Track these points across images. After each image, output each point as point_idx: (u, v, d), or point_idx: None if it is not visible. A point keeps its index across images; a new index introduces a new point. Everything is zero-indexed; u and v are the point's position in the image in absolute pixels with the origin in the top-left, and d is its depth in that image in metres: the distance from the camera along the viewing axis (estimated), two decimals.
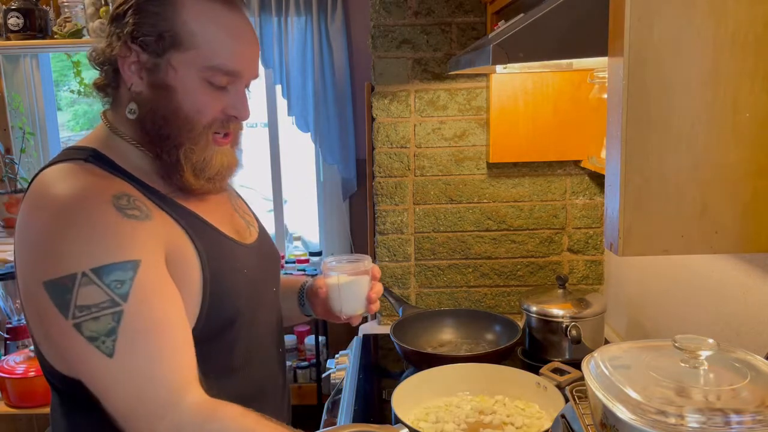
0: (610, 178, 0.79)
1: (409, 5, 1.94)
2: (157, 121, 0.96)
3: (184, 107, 0.95)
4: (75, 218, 0.87)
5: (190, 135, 0.97)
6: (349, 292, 1.18)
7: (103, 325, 0.83)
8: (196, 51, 0.94)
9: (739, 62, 0.74)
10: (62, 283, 0.84)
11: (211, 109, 0.97)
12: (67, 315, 0.84)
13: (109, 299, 0.84)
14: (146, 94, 0.96)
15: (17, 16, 2.18)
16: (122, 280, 0.85)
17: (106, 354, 0.83)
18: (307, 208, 3.58)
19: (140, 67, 0.96)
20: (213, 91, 0.97)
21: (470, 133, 1.99)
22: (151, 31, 0.94)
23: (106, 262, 0.85)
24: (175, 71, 0.95)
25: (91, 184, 0.91)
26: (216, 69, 0.96)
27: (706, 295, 1.36)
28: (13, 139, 2.91)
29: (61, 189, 0.90)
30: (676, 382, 0.82)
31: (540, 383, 1.40)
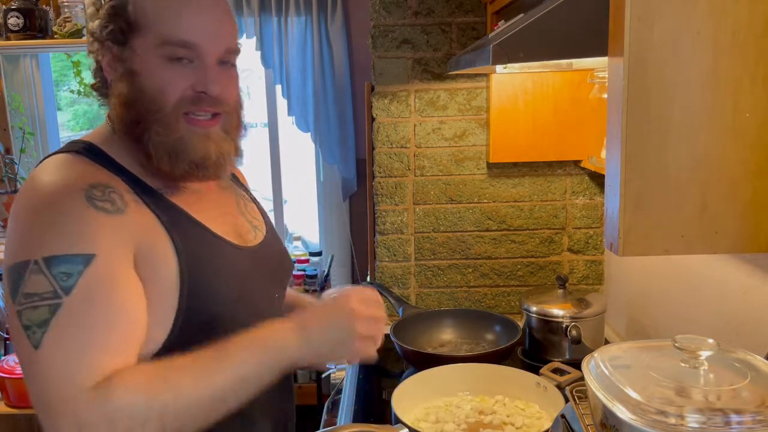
0: (610, 178, 0.79)
1: (409, 5, 1.94)
2: (128, 109, 0.97)
3: (149, 89, 0.95)
4: (43, 206, 0.88)
5: (157, 116, 0.96)
6: None
7: (38, 316, 0.83)
8: (149, 30, 0.95)
9: (739, 62, 0.74)
10: (17, 269, 0.85)
11: (175, 87, 0.96)
12: (15, 300, 0.84)
13: (52, 290, 0.83)
14: (120, 85, 0.97)
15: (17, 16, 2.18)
16: (70, 273, 0.84)
17: (33, 345, 0.82)
18: (307, 208, 3.58)
19: (114, 59, 0.98)
20: (176, 68, 0.96)
21: (470, 133, 1.99)
22: (116, 23, 0.96)
23: (58, 253, 0.85)
24: (138, 56, 0.96)
25: (71, 174, 0.92)
26: (169, 42, 0.95)
27: (707, 295, 1.36)
28: (13, 139, 2.91)
29: (44, 178, 0.92)
30: (677, 382, 0.82)
31: (540, 383, 1.40)
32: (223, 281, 1.00)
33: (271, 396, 1.08)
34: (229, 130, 1.03)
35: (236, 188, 1.20)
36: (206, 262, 0.98)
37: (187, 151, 0.97)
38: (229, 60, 1.02)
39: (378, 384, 1.70)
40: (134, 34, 0.96)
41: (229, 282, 1.01)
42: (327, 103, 2.95)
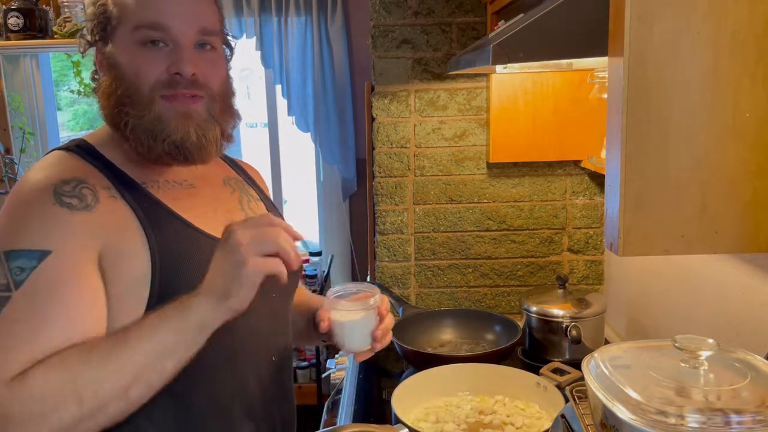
0: (610, 178, 0.79)
1: (409, 5, 1.94)
2: (109, 99, 0.99)
3: (127, 74, 0.98)
4: (15, 202, 0.92)
5: (133, 99, 0.97)
6: (354, 329, 1.08)
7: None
8: (124, 20, 0.98)
9: (739, 62, 0.74)
10: None
11: (150, 71, 0.96)
12: None
13: (5, 283, 0.86)
14: (104, 79, 1.01)
15: (17, 16, 2.18)
16: (24, 267, 0.86)
17: None
18: (307, 208, 3.58)
19: (103, 58, 1.01)
20: (150, 52, 0.97)
21: (470, 133, 1.99)
22: (99, 23, 1.00)
23: (16, 248, 0.87)
24: (116, 46, 0.99)
25: (51, 171, 0.95)
26: (140, 26, 0.97)
27: (707, 295, 1.36)
28: (13, 139, 2.91)
29: (29, 174, 0.96)
30: (677, 382, 0.82)
31: (540, 383, 1.40)
32: (198, 276, 0.93)
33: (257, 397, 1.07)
34: (213, 113, 1.02)
35: (243, 185, 1.19)
36: (181, 257, 0.96)
37: (165, 130, 0.97)
38: (207, 42, 1.01)
39: (378, 384, 1.70)
40: (114, 29, 0.99)
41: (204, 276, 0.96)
42: (327, 103, 2.95)
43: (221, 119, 1.04)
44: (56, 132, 3.17)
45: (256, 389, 1.07)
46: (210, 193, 1.09)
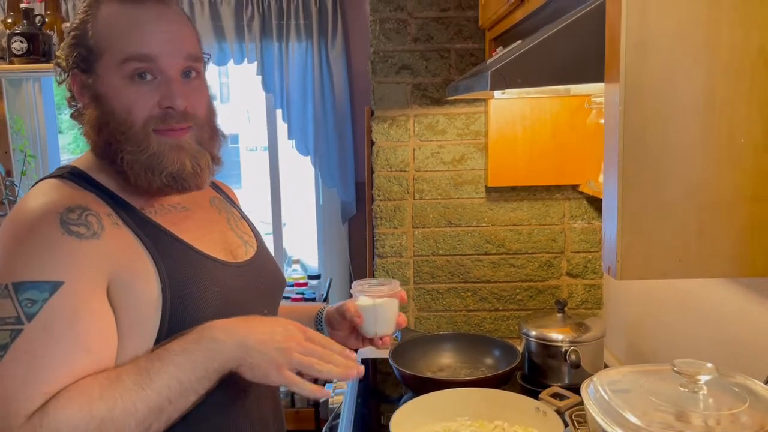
0: (607, 202, 0.80)
1: (409, 31, 1.97)
2: (99, 132, 0.98)
3: (116, 110, 0.96)
4: (19, 232, 0.89)
5: (128, 135, 0.96)
6: (383, 314, 1.21)
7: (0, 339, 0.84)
8: (108, 52, 0.96)
9: (734, 89, 0.75)
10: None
11: (142, 106, 0.96)
12: None
13: (15, 316, 0.84)
14: (89, 111, 0.99)
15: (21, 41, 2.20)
16: (35, 299, 0.85)
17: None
18: (307, 231, 3.58)
19: (83, 88, 1.00)
20: (140, 86, 0.96)
21: (469, 157, 2.00)
22: (79, 51, 0.98)
23: (25, 279, 0.86)
24: (101, 78, 0.97)
25: (51, 198, 0.93)
26: (127, 59, 0.95)
27: (705, 319, 1.36)
28: (15, 161, 2.92)
29: (27, 203, 0.93)
30: (676, 406, 0.82)
31: (539, 408, 1.39)
32: (205, 299, 0.98)
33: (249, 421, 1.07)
34: (202, 141, 1.03)
35: (226, 204, 1.21)
36: (190, 281, 0.98)
37: (162, 164, 0.97)
38: (192, 69, 1.02)
39: (376, 408, 1.69)
40: (97, 59, 0.97)
41: (211, 299, 0.99)
42: (327, 127, 2.97)
43: (210, 145, 1.05)
44: (57, 155, 3.19)
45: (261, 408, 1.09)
46: (202, 215, 1.10)
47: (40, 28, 2.25)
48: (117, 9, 0.98)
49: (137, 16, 0.97)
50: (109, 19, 0.97)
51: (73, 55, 0.99)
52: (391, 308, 1.22)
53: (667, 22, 0.74)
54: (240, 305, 1.04)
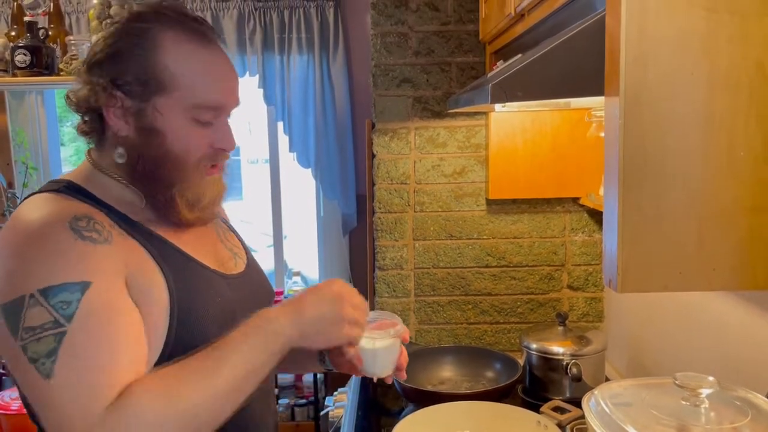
0: (608, 215, 0.80)
1: (410, 45, 1.98)
2: (147, 165, 0.98)
3: (174, 149, 0.97)
4: (29, 241, 0.87)
5: (181, 174, 0.98)
6: (384, 357, 1.14)
7: (44, 347, 0.82)
8: (179, 92, 0.96)
9: (733, 102, 0.75)
10: (13, 305, 0.84)
11: (199, 147, 0.99)
12: (16, 337, 0.83)
13: (53, 320, 0.83)
14: (133, 138, 0.97)
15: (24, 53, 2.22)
16: (69, 301, 0.84)
17: (44, 375, 0.82)
18: (307, 244, 3.58)
19: (125, 112, 0.97)
20: (200, 129, 0.98)
21: (469, 170, 2.01)
22: (134, 77, 0.95)
23: (53, 283, 0.84)
24: (161, 115, 0.96)
25: (54, 209, 0.92)
26: (200, 107, 0.97)
27: (707, 332, 1.35)
28: (16, 173, 2.93)
29: (26, 216, 0.91)
30: (677, 420, 0.81)
31: (540, 422, 1.39)
32: (208, 310, 1.00)
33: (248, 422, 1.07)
34: (222, 171, 1.07)
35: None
36: (194, 292, 0.99)
37: (204, 198, 1.02)
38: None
39: (377, 422, 1.68)
40: (159, 93, 0.95)
41: (213, 309, 1.01)
42: (328, 140, 2.98)
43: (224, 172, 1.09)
44: (59, 167, 3.20)
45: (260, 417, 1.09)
46: (194, 229, 1.10)
47: (44, 41, 2.27)
48: (188, 48, 0.97)
49: (211, 61, 0.99)
50: (182, 57, 0.96)
51: (123, 77, 0.95)
52: (392, 351, 1.14)
53: (666, 36, 0.75)
54: (238, 317, 1.04)
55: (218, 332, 0.96)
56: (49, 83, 2.35)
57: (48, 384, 0.81)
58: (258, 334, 0.93)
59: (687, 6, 0.74)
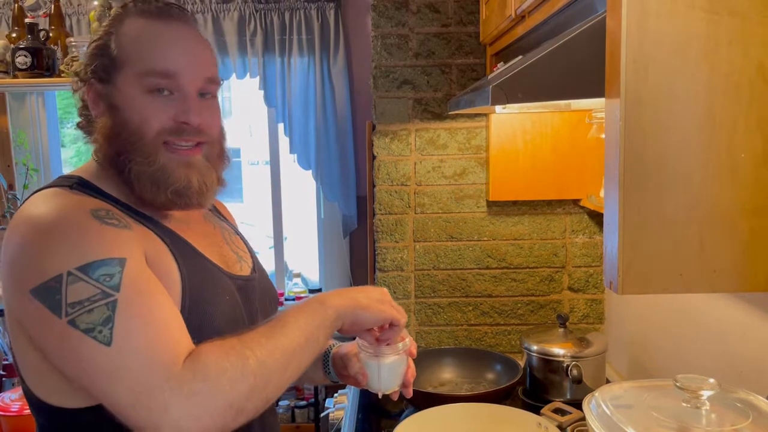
0: (608, 216, 0.80)
1: (410, 47, 1.98)
2: (110, 142, 0.99)
3: (131, 121, 0.98)
4: (54, 227, 0.88)
5: (138, 146, 0.98)
6: (389, 372, 1.12)
7: (98, 316, 0.83)
8: (129, 65, 0.98)
9: (733, 104, 0.75)
10: (49, 285, 0.84)
11: (157, 118, 0.98)
12: (60, 314, 0.83)
13: (100, 291, 0.84)
14: (102, 119, 1.00)
15: (25, 55, 2.22)
16: (111, 274, 0.85)
17: (104, 343, 0.82)
18: (308, 245, 3.58)
19: (98, 97, 1.00)
20: (157, 100, 0.98)
21: (470, 172, 2.01)
22: (99, 61, 0.99)
23: (91, 260, 0.85)
24: (119, 91, 0.98)
25: (70, 201, 0.94)
26: (149, 73, 0.97)
27: (708, 334, 1.35)
28: (17, 175, 2.93)
29: (42, 207, 0.92)
30: (678, 422, 0.81)
31: (541, 423, 1.39)
32: (218, 306, 1.01)
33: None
34: (211, 159, 1.05)
35: (218, 219, 1.22)
36: (204, 287, 1.00)
37: (169, 180, 0.99)
38: (209, 91, 1.04)
39: (377, 424, 1.68)
40: (117, 71, 0.98)
41: (224, 306, 1.02)
42: (328, 142, 2.98)
43: (217, 165, 1.07)
44: (59, 168, 3.20)
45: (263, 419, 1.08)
46: (200, 229, 1.11)
47: (44, 42, 2.27)
48: (142, 24, 1.00)
49: (161, 33, 1.00)
50: (133, 32, 0.99)
51: (93, 64, 1.00)
52: (398, 366, 1.12)
53: (667, 38, 0.75)
54: (246, 319, 1.06)
55: (228, 329, 0.97)
56: (49, 85, 2.35)
57: (109, 350, 0.82)
58: (312, 306, 0.97)
59: (687, 8, 0.74)
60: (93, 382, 0.84)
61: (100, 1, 2.06)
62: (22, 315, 0.88)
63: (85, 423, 0.92)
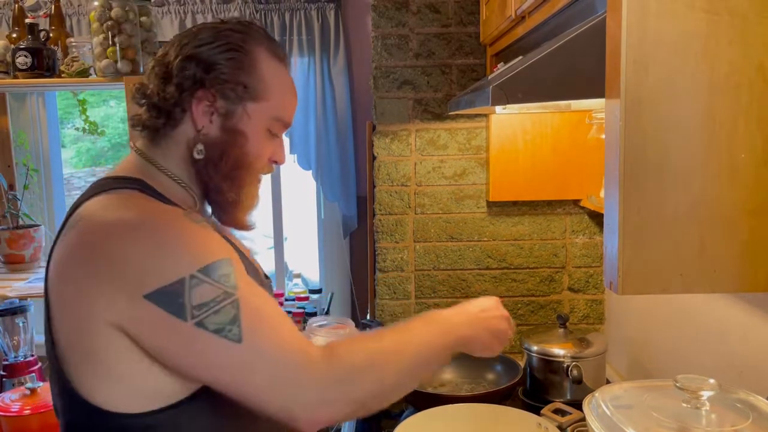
0: (608, 217, 0.80)
1: (410, 47, 1.98)
2: (227, 162, 1.02)
3: (251, 152, 1.04)
4: (162, 229, 0.90)
5: (250, 177, 1.06)
6: None
7: (225, 316, 0.87)
8: (267, 103, 1.04)
9: (734, 104, 0.75)
10: (171, 289, 0.86)
11: (265, 156, 1.07)
12: (185, 317, 0.86)
13: (222, 292, 0.88)
14: (216, 136, 1.02)
15: (25, 55, 2.22)
16: (227, 274, 0.90)
17: (235, 341, 0.87)
18: (308, 246, 3.58)
19: (214, 111, 1.01)
20: (269, 140, 1.07)
21: (470, 172, 2.01)
22: (232, 80, 1.01)
23: (209, 261, 0.89)
24: (249, 118, 1.03)
25: (156, 205, 0.96)
26: (279, 120, 1.07)
27: (708, 334, 1.35)
28: (17, 175, 2.93)
29: (131, 211, 0.92)
30: (678, 422, 0.81)
31: (541, 424, 1.39)
32: None
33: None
34: None
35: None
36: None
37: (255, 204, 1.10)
38: None
39: (377, 424, 1.68)
40: (251, 99, 1.02)
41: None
42: (329, 142, 2.98)
43: None
44: (60, 169, 3.19)
45: None
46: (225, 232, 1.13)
47: (45, 43, 2.27)
48: (276, 67, 1.06)
49: (290, 86, 1.10)
50: (272, 73, 1.05)
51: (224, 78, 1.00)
52: None
53: (667, 38, 0.75)
54: None
55: None
56: (49, 85, 2.35)
57: (241, 347, 0.87)
58: (436, 324, 1.06)
59: (688, 8, 0.74)
60: (223, 377, 0.89)
61: (101, 1, 2.06)
62: (130, 320, 0.87)
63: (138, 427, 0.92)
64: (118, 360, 0.90)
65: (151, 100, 1.02)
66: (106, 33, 2.07)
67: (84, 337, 0.90)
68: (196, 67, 0.99)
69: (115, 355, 0.89)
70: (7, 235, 2.53)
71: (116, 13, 2.05)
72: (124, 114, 3.13)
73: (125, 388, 0.91)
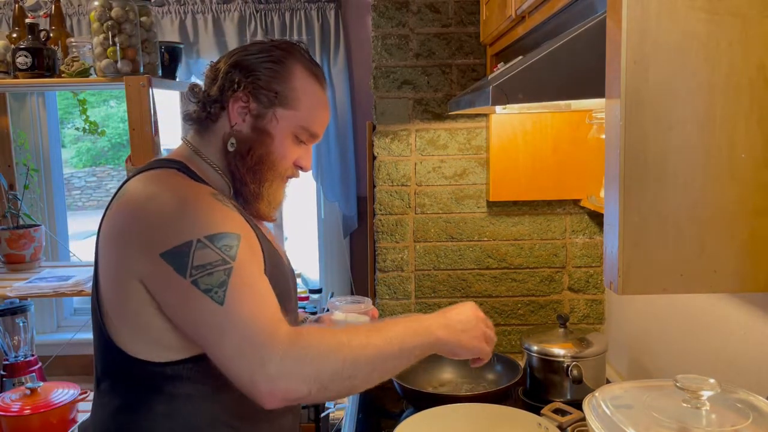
0: (609, 217, 0.80)
1: (411, 47, 1.98)
2: (253, 158, 1.16)
3: (275, 152, 1.18)
4: (186, 202, 1.03)
5: (272, 174, 1.19)
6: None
7: (216, 279, 0.97)
8: (296, 112, 1.18)
9: (734, 104, 0.75)
10: (180, 249, 0.98)
11: (290, 159, 1.20)
12: (185, 275, 0.97)
13: (220, 259, 0.98)
14: (246, 133, 1.17)
15: (26, 55, 2.22)
16: (230, 245, 1.00)
17: (218, 302, 0.96)
18: (308, 245, 3.58)
19: (247, 111, 1.16)
20: (295, 145, 1.20)
21: (470, 172, 2.01)
22: (267, 86, 1.16)
23: (217, 231, 1.01)
24: (277, 122, 1.17)
25: (190, 183, 1.10)
26: (306, 130, 1.20)
27: (708, 334, 1.35)
28: (17, 175, 2.93)
29: (167, 184, 1.07)
30: (678, 422, 0.81)
31: (541, 424, 1.39)
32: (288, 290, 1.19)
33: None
34: None
35: None
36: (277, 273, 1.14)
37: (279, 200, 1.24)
38: None
39: (377, 424, 1.68)
40: (281, 106, 1.16)
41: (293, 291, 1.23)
42: (329, 142, 2.98)
43: None
44: (60, 169, 3.19)
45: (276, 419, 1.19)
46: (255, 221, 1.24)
47: (45, 43, 2.27)
48: (311, 82, 1.21)
49: (322, 100, 1.22)
50: (306, 86, 1.19)
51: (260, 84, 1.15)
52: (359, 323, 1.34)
53: (668, 38, 0.75)
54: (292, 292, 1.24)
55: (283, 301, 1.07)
56: (50, 85, 2.35)
57: (223, 309, 0.96)
58: (419, 327, 1.10)
59: (688, 9, 0.74)
60: (203, 335, 0.97)
61: (101, 1, 2.06)
62: (148, 275, 1.01)
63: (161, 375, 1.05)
64: (141, 312, 1.03)
65: (198, 98, 1.19)
66: (107, 33, 2.07)
67: (119, 291, 1.05)
68: (239, 73, 1.15)
69: (140, 308, 1.03)
70: (7, 235, 2.53)
71: (116, 13, 2.05)
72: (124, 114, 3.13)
73: (148, 338, 1.05)
